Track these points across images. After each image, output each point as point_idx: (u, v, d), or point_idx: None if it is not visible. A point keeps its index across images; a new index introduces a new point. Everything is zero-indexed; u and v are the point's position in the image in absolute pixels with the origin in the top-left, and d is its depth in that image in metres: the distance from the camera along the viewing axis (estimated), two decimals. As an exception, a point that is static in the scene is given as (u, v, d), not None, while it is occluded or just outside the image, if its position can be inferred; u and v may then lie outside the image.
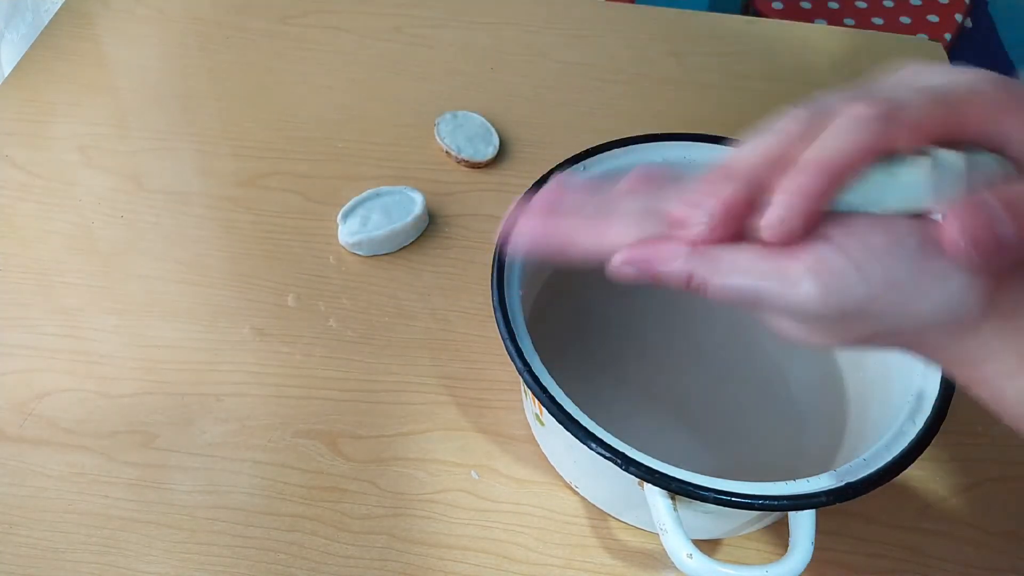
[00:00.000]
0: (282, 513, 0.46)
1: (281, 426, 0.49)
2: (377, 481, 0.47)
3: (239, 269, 0.57)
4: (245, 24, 0.74)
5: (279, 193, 0.61)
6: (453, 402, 0.51)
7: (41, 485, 0.46)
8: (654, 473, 0.36)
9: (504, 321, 0.41)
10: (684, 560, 0.36)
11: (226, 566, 0.44)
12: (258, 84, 0.69)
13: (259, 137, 0.65)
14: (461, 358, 0.53)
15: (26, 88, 0.67)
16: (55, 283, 0.55)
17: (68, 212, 0.59)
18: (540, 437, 0.48)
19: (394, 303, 0.55)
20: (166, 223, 0.59)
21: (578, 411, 0.38)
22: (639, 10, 0.78)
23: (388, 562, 0.44)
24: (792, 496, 0.36)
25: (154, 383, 0.51)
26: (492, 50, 0.72)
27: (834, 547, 0.46)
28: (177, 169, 0.62)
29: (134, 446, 0.48)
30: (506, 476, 0.48)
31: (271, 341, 0.53)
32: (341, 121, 0.66)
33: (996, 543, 0.46)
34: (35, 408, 0.49)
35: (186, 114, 0.66)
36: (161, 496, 0.46)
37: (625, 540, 0.46)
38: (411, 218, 0.57)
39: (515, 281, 0.43)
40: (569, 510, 0.47)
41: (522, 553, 0.45)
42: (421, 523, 0.46)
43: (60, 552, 0.44)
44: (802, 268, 0.25)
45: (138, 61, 0.70)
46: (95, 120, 0.65)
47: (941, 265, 0.24)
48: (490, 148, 0.63)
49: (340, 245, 0.58)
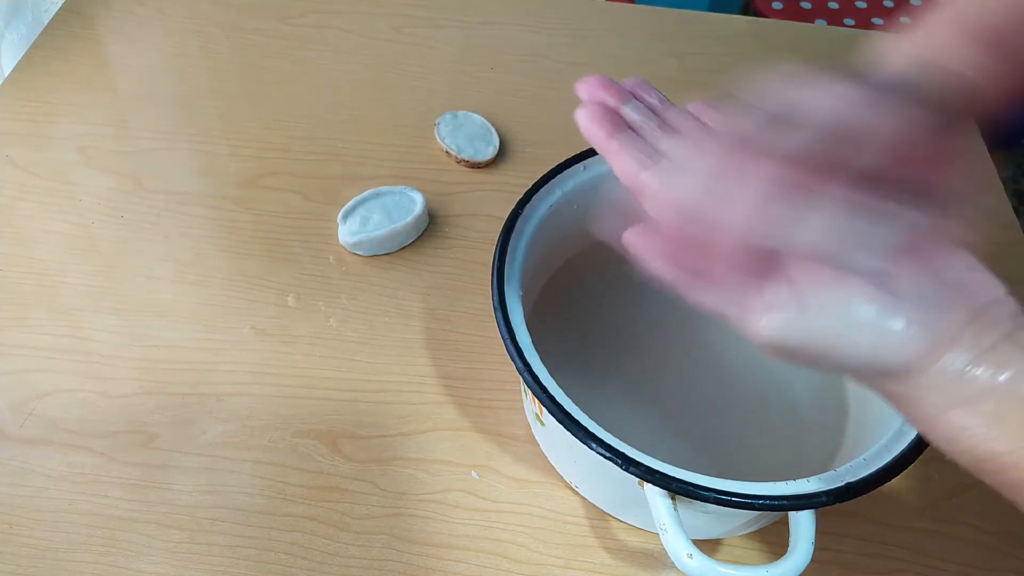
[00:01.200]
0: (282, 513, 0.46)
1: (281, 426, 0.49)
2: (377, 481, 0.47)
3: (239, 269, 0.57)
4: (245, 24, 0.74)
5: (279, 193, 0.61)
6: (453, 402, 0.51)
7: (41, 485, 0.46)
8: (654, 473, 0.36)
9: (504, 321, 0.41)
10: (684, 560, 0.36)
11: (226, 566, 0.44)
12: (258, 84, 0.69)
13: (259, 137, 0.65)
14: (461, 358, 0.53)
15: (26, 88, 0.67)
16: (55, 283, 0.55)
17: (68, 212, 0.59)
18: (540, 437, 0.48)
19: (394, 303, 0.55)
20: (166, 223, 0.59)
21: (578, 411, 0.38)
22: (639, 10, 0.78)
23: (388, 562, 0.44)
24: (792, 496, 0.36)
25: (154, 383, 0.51)
26: (492, 50, 0.72)
27: (834, 547, 0.46)
28: (177, 169, 0.62)
29: (134, 446, 0.48)
30: (506, 476, 0.48)
31: (271, 341, 0.53)
32: (341, 121, 0.66)
33: (996, 543, 0.46)
34: (35, 408, 0.49)
35: (186, 114, 0.66)
36: (161, 496, 0.46)
37: (625, 540, 0.46)
38: (411, 218, 0.57)
39: (515, 281, 0.43)
40: (569, 510, 0.47)
41: (522, 553, 0.45)
42: (421, 523, 0.46)
43: (60, 552, 0.44)
44: (759, 306, 0.28)
45: (138, 61, 0.70)
46: (95, 120, 0.65)
47: (880, 323, 0.27)
48: (490, 148, 0.63)
49: (340, 245, 0.58)
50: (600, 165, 0.48)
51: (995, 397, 0.26)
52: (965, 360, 0.26)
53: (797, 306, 0.28)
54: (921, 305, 0.27)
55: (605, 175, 0.47)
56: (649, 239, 0.30)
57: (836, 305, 0.27)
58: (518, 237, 0.45)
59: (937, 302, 0.27)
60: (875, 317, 0.27)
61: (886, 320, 0.27)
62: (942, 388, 0.27)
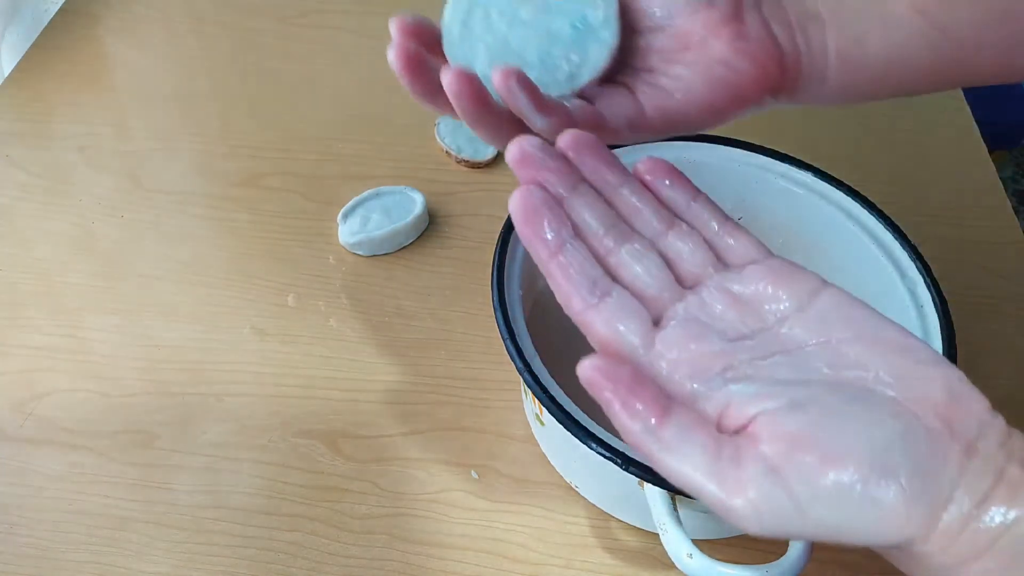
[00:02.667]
0: (282, 513, 0.46)
1: (281, 426, 0.49)
2: (377, 481, 0.47)
3: (239, 269, 0.57)
4: (245, 24, 0.74)
5: (279, 193, 0.61)
6: (453, 402, 0.51)
7: (41, 485, 0.46)
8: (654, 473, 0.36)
9: (504, 321, 0.41)
10: (684, 560, 0.36)
11: (226, 566, 0.44)
12: (258, 84, 0.69)
13: (259, 137, 0.65)
14: (461, 358, 0.53)
15: (26, 88, 0.67)
16: (55, 283, 0.55)
17: (68, 212, 0.59)
18: (540, 437, 0.48)
19: (394, 303, 0.55)
20: (166, 223, 0.59)
21: (578, 411, 0.38)
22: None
23: (388, 562, 0.44)
24: (792, 496, 0.36)
25: (154, 383, 0.51)
26: (492, 50, 0.72)
27: (834, 547, 0.45)
28: (177, 169, 0.62)
29: (134, 446, 0.48)
30: (506, 476, 0.48)
31: (271, 341, 0.53)
32: (341, 121, 0.66)
33: (996, 543, 0.46)
34: (35, 408, 0.49)
35: (186, 114, 0.66)
36: (161, 496, 0.46)
37: (625, 540, 0.46)
38: (411, 218, 0.57)
39: (515, 281, 0.43)
40: (569, 510, 0.47)
41: (522, 553, 0.45)
42: (421, 523, 0.46)
43: (60, 552, 0.44)
44: (742, 497, 0.25)
45: (138, 61, 0.70)
46: (95, 120, 0.65)
47: (878, 511, 0.25)
48: (490, 148, 0.63)
49: (340, 245, 0.58)
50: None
51: (1009, 547, 0.24)
52: (963, 516, 0.25)
53: (789, 497, 0.25)
54: (908, 471, 0.25)
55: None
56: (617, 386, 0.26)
57: (835, 485, 0.25)
58: (518, 237, 0.45)
59: (924, 464, 0.25)
60: (861, 497, 0.25)
61: (874, 498, 0.25)
62: (945, 549, 0.25)
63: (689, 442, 0.26)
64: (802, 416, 0.26)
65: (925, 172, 0.65)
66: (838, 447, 0.25)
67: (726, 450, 0.25)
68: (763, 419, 0.26)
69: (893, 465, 0.25)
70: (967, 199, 0.63)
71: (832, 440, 0.25)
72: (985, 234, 0.61)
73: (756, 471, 0.25)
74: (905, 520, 0.25)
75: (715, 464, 0.25)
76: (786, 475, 0.25)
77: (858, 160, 0.65)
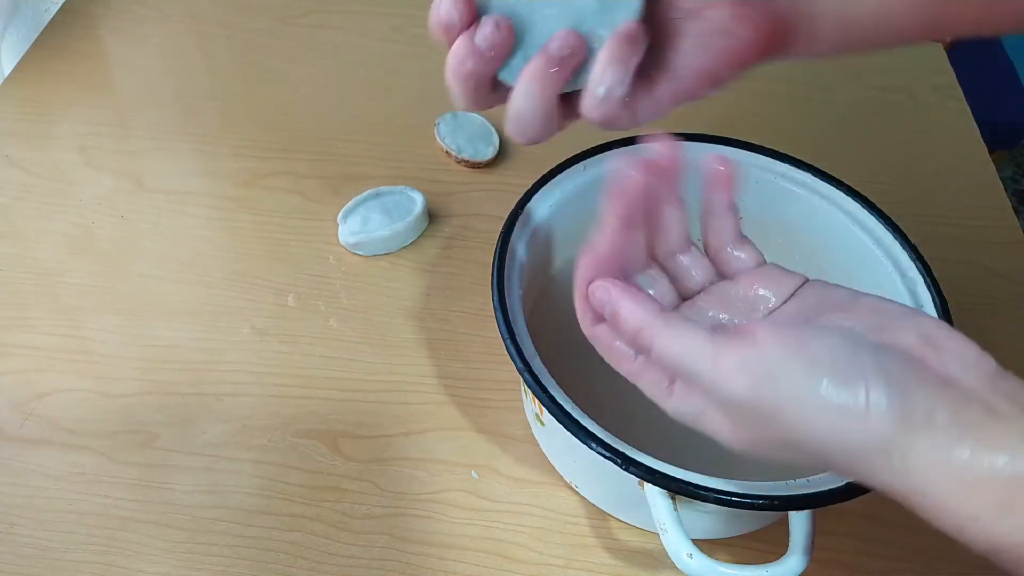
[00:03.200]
0: (282, 513, 0.46)
1: (281, 426, 0.49)
2: (377, 481, 0.47)
3: (239, 269, 0.57)
4: (245, 24, 0.74)
5: (279, 193, 0.61)
6: (453, 402, 0.51)
7: (41, 485, 0.46)
8: (654, 473, 0.36)
9: (504, 321, 0.41)
10: (684, 560, 0.36)
11: (226, 566, 0.44)
12: (258, 84, 0.69)
13: (259, 137, 0.65)
14: (461, 358, 0.53)
15: (26, 88, 0.67)
16: (55, 283, 0.55)
17: (68, 212, 0.59)
18: (540, 437, 0.48)
19: (394, 303, 0.55)
20: (166, 223, 0.59)
21: (578, 411, 0.38)
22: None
23: (388, 562, 0.44)
24: (792, 496, 0.36)
25: (154, 383, 0.51)
26: (492, 50, 0.72)
27: (834, 547, 0.46)
28: (177, 169, 0.62)
29: (134, 446, 0.48)
30: (506, 476, 0.48)
31: (271, 341, 0.53)
32: (341, 121, 0.66)
33: (996, 543, 0.46)
34: (35, 408, 0.49)
35: (186, 114, 0.66)
36: (161, 496, 0.46)
37: (625, 540, 0.46)
38: (411, 218, 0.57)
39: (515, 281, 0.43)
40: (569, 510, 0.47)
41: (522, 553, 0.45)
42: (421, 523, 0.46)
43: (60, 552, 0.44)
44: (735, 355, 0.29)
45: (138, 61, 0.70)
46: (95, 120, 0.65)
47: (848, 402, 0.27)
48: (490, 148, 0.63)
49: (340, 245, 0.58)
50: (600, 165, 0.48)
51: (998, 485, 0.25)
52: (950, 442, 0.25)
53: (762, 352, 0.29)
54: (875, 373, 0.27)
55: (605, 175, 0.47)
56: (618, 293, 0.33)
57: (814, 364, 0.28)
58: (518, 237, 0.45)
59: (895, 375, 0.27)
60: (833, 390, 0.27)
61: (844, 394, 0.27)
62: (935, 475, 0.26)
63: (690, 324, 0.31)
64: (792, 328, 0.30)
65: (925, 172, 0.65)
66: (819, 348, 0.28)
67: (723, 333, 0.30)
68: (757, 324, 0.30)
69: (862, 366, 0.27)
70: (967, 199, 0.63)
71: (815, 341, 0.28)
72: (985, 234, 0.61)
73: (746, 342, 0.29)
74: (873, 417, 0.26)
75: (712, 336, 0.30)
76: (769, 349, 0.29)
77: (858, 160, 0.65)
